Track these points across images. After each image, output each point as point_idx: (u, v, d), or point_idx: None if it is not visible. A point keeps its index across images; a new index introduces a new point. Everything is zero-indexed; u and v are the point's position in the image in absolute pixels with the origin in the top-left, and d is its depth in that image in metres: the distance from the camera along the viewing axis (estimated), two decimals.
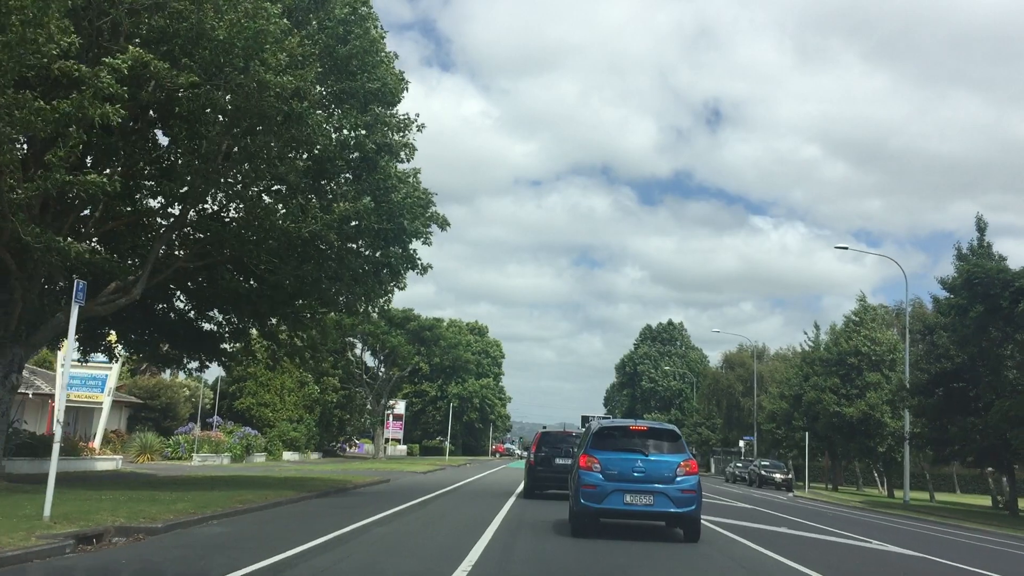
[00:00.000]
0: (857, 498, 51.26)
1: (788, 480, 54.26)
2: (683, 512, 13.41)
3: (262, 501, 17.31)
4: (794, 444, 65.19)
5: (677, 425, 47.03)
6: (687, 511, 13.42)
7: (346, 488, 23.91)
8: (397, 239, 19.62)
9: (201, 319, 24.78)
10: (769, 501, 36.69)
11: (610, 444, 13.94)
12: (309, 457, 53.75)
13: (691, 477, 13.58)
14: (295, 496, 19.38)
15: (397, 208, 18.62)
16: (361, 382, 59.13)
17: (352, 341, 61.01)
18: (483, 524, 15.08)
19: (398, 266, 20.50)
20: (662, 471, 13.41)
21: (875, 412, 53.21)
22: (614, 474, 13.36)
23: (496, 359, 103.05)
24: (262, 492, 19.21)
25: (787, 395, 69.23)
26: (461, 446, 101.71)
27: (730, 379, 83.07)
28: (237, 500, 16.67)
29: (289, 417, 53.41)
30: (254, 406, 53.34)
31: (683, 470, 13.53)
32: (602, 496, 13.28)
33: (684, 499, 13.35)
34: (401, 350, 58.58)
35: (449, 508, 19.39)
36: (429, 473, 38.94)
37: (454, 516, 17.23)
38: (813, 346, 66.50)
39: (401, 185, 18.84)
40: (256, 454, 44.58)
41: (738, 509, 26.58)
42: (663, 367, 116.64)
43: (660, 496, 13.25)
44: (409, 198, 18.92)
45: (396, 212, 18.65)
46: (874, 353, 54.60)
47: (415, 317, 58.33)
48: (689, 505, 13.39)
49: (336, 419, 57.67)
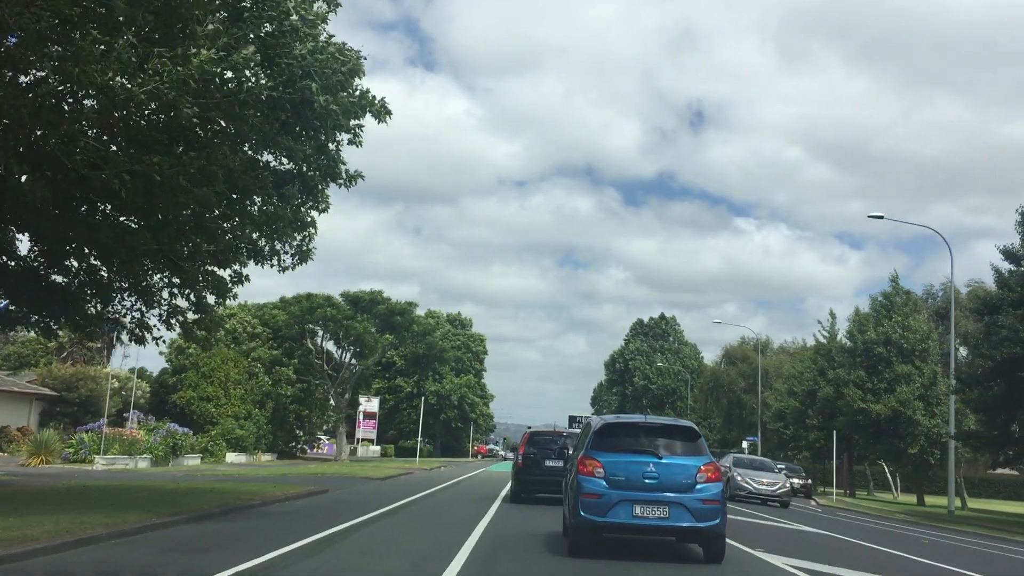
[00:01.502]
0: (887, 506, 44.60)
1: (807, 486, 47.64)
2: (705, 527, 11.28)
3: (70, 534, 10.48)
4: (808, 445, 58.60)
5: None
6: (710, 526, 11.29)
7: (253, 504, 17.01)
8: (308, 127, 12.69)
9: (53, 268, 17.74)
10: (793, 511, 30.35)
11: (616, 444, 11.83)
12: (259, 460, 46.59)
13: (714, 484, 11.48)
14: (156, 521, 12.73)
15: (299, 65, 11.69)
16: (322, 374, 51.98)
17: (313, 328, 53.82)
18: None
19: (313, 174, 13.54)
20: (679, 477, 11.37)
21: (906, 409, 46.59)
22: (621, 480, 11.32)
23: (478, 355, 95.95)
24: (106, 515, 12.50)
25: (797, 391, 62.95)
26: (440, 447, 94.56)
27: (731, 375, 76.44)
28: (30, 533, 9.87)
29: (235, 413, 46.24)
30: (194, 400, 46.16)
31: (704, 476, 11.42)
32: (606, 507, 11.22)
33: (706, 511, 11.25)
34: (368, 338, 51.47)
35: (405, 527, 14.46)
36: (390, 479, 31.95)
37: (410, 538, 12.88)
38: (828, 336, 59.98)
39: (306, 32, 11.86)
40: (187, 456, 37.42)
41: (758, 521, 21.37)
42: (656, 363, 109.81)
43: (677, 507, 11.19)
44: (320, 54, 12.00)
45: (297, 72, 11.72)
46: (906, 341, 48.00)
47: (384, 300, 51.15)
48: (712, 519, 11.29)
49: (292, 416, 50.47)
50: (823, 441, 57.01)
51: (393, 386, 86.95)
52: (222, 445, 44.17)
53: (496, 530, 14.29)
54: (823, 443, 57.17)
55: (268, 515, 15.56)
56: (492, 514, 17.36)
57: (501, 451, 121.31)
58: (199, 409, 45.82)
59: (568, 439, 22.92)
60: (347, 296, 51.30)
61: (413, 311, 51.91)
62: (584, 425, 14.53)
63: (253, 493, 18.81)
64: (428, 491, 24.93)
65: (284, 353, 50.59)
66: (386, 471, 35.67)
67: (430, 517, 16.55)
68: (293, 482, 24.75)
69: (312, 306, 50.07)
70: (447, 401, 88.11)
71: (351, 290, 51.50)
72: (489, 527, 14.59)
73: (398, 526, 14.44)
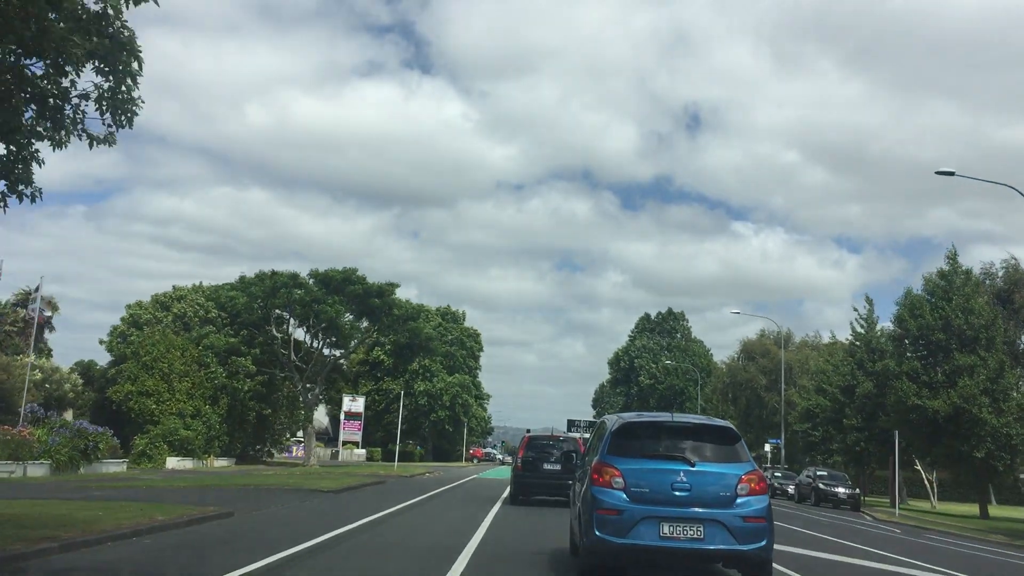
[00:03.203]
0: (956, 521, 37.48)
1: (855, 496, 40.58)
2: (748, 551, 9.12)
3: None
4: (845, 449, 51.56)
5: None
6: (754, 549, 9.13)
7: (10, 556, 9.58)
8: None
9: None
10: (853, 528, 24.88)
11: (637, 448, 9.74)
12: (210, 465, 39.57)
13: (759, 498, 9.38)
14: None
15: None
16: (289, 366, 44.93)
17: (280, 313, 46.71)
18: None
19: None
20: (716, 489, 9.29)
21: (970, 405, 39.54)
22: (644, 493, 9.27)
23: (473, 351, 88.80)
24: None
25: (828, 388, 56.07)
26: (432, 450, 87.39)
27: (751, 371, 69.40)
28: None
29: (180, 411, 39.21)
30: (133, 395, 39.13)
31: (746, 487, 9.32)
32: (628, 526, 9.10)
33: (749, 531, 9.12)
34: (341, 323, 44.42)
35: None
36: (348, 491, 24.90)
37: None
38: (866, 325, 52.97)
39: None
40: (108, 461, 30.41)
41: (836, 558, 15.03)
42: (664, 361, 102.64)
43: (713, 526, 9.10)
44: None
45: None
46: (968, 327, 40.99)
47: (359, 279, 43.73)
48: (757, 540, 9.16)
49: (253, 414, 43.38)
50: (863, 444, 50.10)
51: (381, 388, 79.95)
52: (162, 448, 37.18)
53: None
54: (863, 446, 50.27)
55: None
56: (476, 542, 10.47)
57: (499, 455, 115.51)
58: (138, 406, 38.82)
59: (565, 443, 24.00)
60: (316, 275, 44.21)
61: (393, 292, 44.90)
62: (598, 425, 11.96)
63: (59, 524, 11.65)
64: (387, 511, 17.96)
65: (243, 341, 43.54)
66: (349, 480, 28.63)
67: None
68: (188, 499, 17.74)
69: (276, 286, 43.00)
70: (438, 401, 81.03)
71: (321, 268, 44.48)
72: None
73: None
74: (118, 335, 45.23)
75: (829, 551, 16.01)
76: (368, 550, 11.67)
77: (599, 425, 11.65)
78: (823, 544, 17.65)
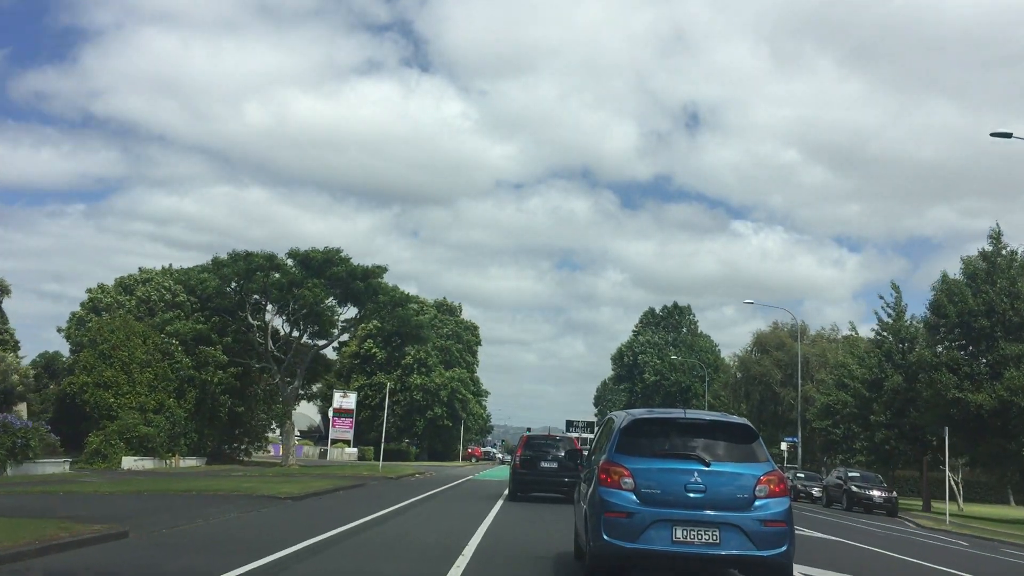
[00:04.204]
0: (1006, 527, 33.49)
1: (891, 500, 36.58)
2: (768, 557, 8.41)
3: None
4: (872, 447, 47.58)
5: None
6: (774, 555, 8.43)
7: None
8: None
9: None
10: (906, 539, 21.80)
11: (648, 446, 9.03)
12: (175, 465, 35.63)
13: (779, 500, 8.67)
14: None
15: None
16: (266, 356, 40.91)
17: (259, 301, 42.70)
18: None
19: None
20: (732, 490, 8.58)
21: (1018, 399, 35.58)
22: (656, 494, 8.57)
23: (470, 345, 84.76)
24: None
25: (850, 383, 52.19)
26: (427, 450, 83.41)
27: (765, 364, 65.39)
28: None
29: (141, 404, 35.26)
30: (89, 387, 35.17)
31: (765, 489, 8.61)
32: (638, 529, 8.42)
33: (768, 535, 8.41)
34: (323, 309, 40.43)
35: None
36: (313, 497, 20.96)
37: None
38: (894, 314, 48.95)
39: None
40: (46, 461, 26.47)
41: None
42: (670, 356, 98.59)
43: (730, 530, 8.38)
44: None
45: None
46: (1015, 312, 37.05)
47: (342, 260, 39.46)
48: (777, 545, 8.45)
49: (225, 409, 39.40)
50: (893, 443, 46.09)
51: (374, 383, 75.99)
52: (118, 446, 33.23)
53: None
54: (893, 445, 46.26)
55: None
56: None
57: (499, 454, 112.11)
58: (94, 399, 34.88)
59: (562, 443, 24.79)
60: (296, 255, 40.20)
61: (380, 276, 40.89)
62: (606, 421, 10.90)
63: None
64: (352, 524, 14.06)
65: (213, 328, 39.55)
66: (319, 484, 24.68)
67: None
68: (98, 511, 13.84)
69: (251, 268, 39.01)
70: (435, 397, 77.03)
71: (301, 248, 40.38)
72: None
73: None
74: (76, 322, 41.31)
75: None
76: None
77: (606, 422, 10.82)
78: (889, 564, 13.80)
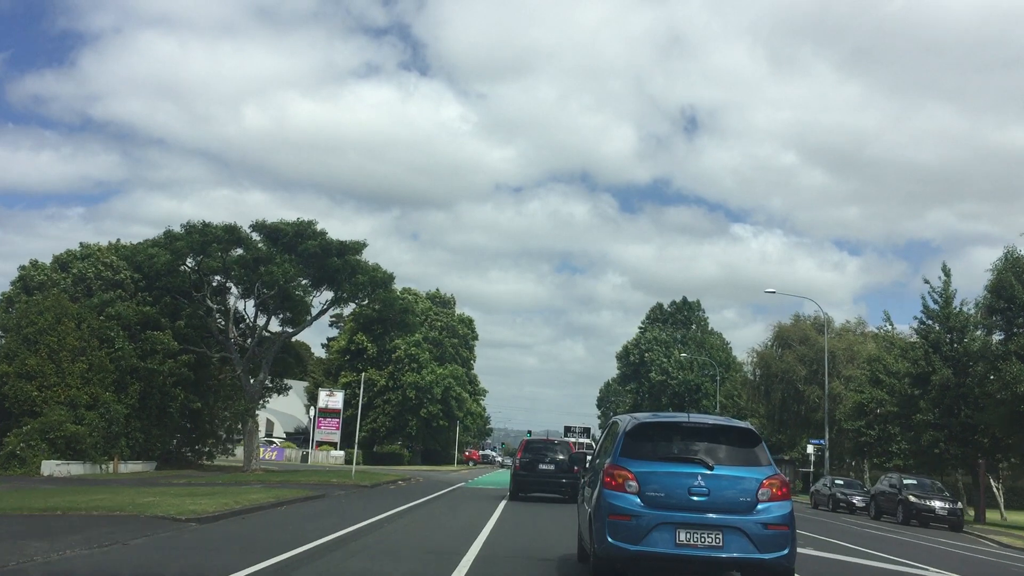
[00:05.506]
0: None
1: (956, 512, 31.05)
2: (769, 560, 8.53)
3: None
4: (920, 451, 41.99)
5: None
6: (776, 558, 8.55)
7: None
8: None
9: None
10: (994, 563, 17.94)
11: (652, 450, 9.18)
12: (112, 471, 30.15)
13: (781, 504, 8.82)
14: None
15: None
16: (228, 345, 35.47)
17: (223, 282, 37.18)
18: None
19: None
20: (735, 494, 8.74)
21: None
22: (660, 497, 8.71)
23: (466, 339, 79.29)
24: None
25: (886, 379, 46.94)
26: (421, 452, 77.89)
27: (788, 360, 59.89)
28: None
29: (71, 399, 29.78)
30: (10, 378, 29.69)
31: (768, 492, 8.79)
32: (642, 532, 8.56)
33: (771, 539, 8.53)
34: (293, 289, 34.96)
35: None
36: (221, 521, 15.55)
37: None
38: (942, 301, 43.46)
39: None
40: None
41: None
42: (678, 355, 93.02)
43: (733, 533, 8.52)
44: None
45: None
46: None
47: (315, 234, 33.74)
48: (779, 548, 8.58)
49: (176, 405, 33.88)
50: (943, 444, 40.58)
51: (367, 379, 70.44)
52: (39, 448, 27.76)
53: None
54: (943, 447, 40.75)
55: None
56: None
57: (499, 457, 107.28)
58: (14, 392, 29.41)
59: (559, 446, 26.20)
60: (261, 228, 34.63)
61: (359, 252, 35.38)
62: (610, 425, 11.05)
63: None
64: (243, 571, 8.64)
65: (162, 311, 34.08)
66: (261, 496, 19.23)
67: None
68: None
69: (207, 240, 33.54)
70: (428, 394, 71.55)
71: (268, 220, 34.81)
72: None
73: None
74: (6, 302, 35.86)
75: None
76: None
77: (611, 426, 10.89)
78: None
